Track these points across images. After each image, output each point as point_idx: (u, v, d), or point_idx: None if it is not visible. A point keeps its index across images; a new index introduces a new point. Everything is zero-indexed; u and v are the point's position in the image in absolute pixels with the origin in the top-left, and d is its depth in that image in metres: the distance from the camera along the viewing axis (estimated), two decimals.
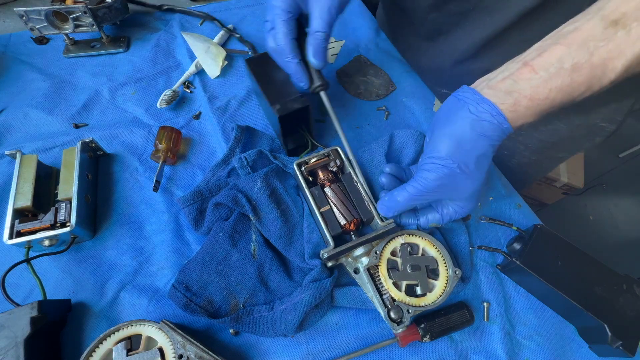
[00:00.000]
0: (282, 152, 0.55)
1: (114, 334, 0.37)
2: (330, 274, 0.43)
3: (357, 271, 0.43)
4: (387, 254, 0.44)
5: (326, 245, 0.44)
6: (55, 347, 0.39)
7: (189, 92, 0.63)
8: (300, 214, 0.47)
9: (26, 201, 0.43)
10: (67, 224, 0.43)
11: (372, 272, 0.43)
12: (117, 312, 0.43)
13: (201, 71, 0.66)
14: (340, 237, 0.46)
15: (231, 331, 0.42)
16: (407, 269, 0.43)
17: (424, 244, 0.45)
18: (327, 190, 0.47)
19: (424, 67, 0.68)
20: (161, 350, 0.37)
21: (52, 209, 0.44)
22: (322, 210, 0.45)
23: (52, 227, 0.43)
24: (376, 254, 0.43)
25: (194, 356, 0.37)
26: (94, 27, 0.63)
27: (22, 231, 0.42)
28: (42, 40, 0.67)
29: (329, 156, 0.49)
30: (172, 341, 0.37)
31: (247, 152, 0.51)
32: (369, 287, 0.42)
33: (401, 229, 0.45)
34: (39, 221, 0.43)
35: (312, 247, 0.44)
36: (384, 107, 0.64)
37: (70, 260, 0.45)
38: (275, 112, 0.47)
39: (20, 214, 0.44)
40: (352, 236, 0.45)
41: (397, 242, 0.44)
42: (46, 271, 0.44)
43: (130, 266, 0.46)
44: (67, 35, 0.65)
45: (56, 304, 0.40)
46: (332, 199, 0.46)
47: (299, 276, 0.45)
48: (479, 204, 0.54)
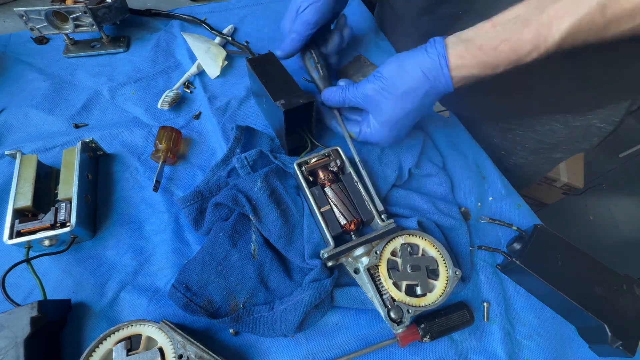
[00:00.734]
0: (281, 152, 0.55)
1: (114, 334, 0.37)
2: (330, 274, 0.43)
3: (357, 271, 0.43)
4: (387, 254, 0.44)
5: (326, 245, 0.44)
6: (55, 347, 0.39)
7: (189, 92, 0.63)
8: (300, 214, 0.47)
9: (26, 201, 0.43)
10: (67, 224, 0.43)
11: (372, 272, 0.43)
12: (117, 312, 0.43)
13: (201, 71, 0.66)
14: (340, 237, 0.46)
15: (231, 331, 0.42)
16: (407, 269, 0.43)
17: (424, 244, 0.45)
18: (328, 190, 0.47)
19: None
20: (161, 350, 0.37)
21: (52, 209, 0.44)
22: (322, 210, 0.45)
23: (52, 227, 0.43)
24: (376, 254, 0.43)
25: (194, 356, 0.37)
26: (94, 27, 0.63)
27: (22, 231, 0.42)
28: (42, 40, 0.67)
29: (329, 156, 0.49)
30: (172, 341, 0.37)
31: (248, 152, 0.51)
32: (369, 287, 0.42)
33: (402, 229, 0.45)
34: (39, 221, 0.43)
35: (312, 247, 0.44)
36: None
37: (70, 260, 0.45)
38: (280, 106, 0.47)
39: (20, 214, 0.44)
40: (352, 236, 0.45)
41: (398, 242, 0.44)
42: (46, 271, 0.44)
43: (130, 266, 0.46)
44: (67, 35, 0.65)
45: (56, 304, 0.40)
46: (333, 199, 0.46)
47: (299, 276, 0.45)
48: (479, 204, 0.54)
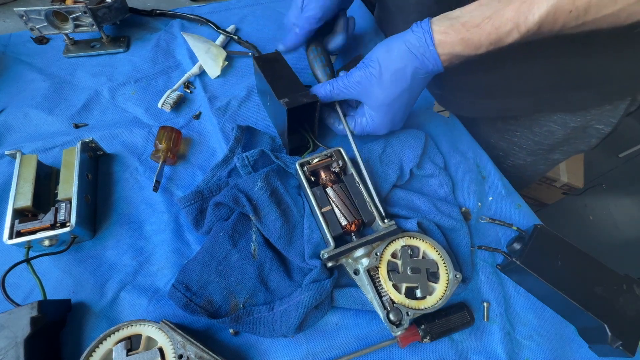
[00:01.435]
0: (282, 151, 0.55)
1: (114, 334, 0.37)
2: (330, 274, 0.43)
3: (357, 272, 0.43)
4: (387, 255, 0.43)
5: (326, 245, 0.44)
6: (55, 347, 0.39)
7: (189, 92, 0.63)
8: (300, 214, 0.47)
9: (26, 201, 0.43)
10: (67, 224, 0.43)
11: (372, 273, 0.43)
12: (117, 312, 0.43)
13: (202, 71, 0.66)
14: (340, 237, 0.46)
15: (231, 331, 0.42)
16: (407, 272, 0.43)
17: (424, 246, 0.44)
18: (329, 190, 0.47)
19: None
20: (161, 350, 0.37)
21: (52, 209, 0.44)
22: (323, 210, 0.45)
23: (52, 227, 0.43)
24: (376, 255, 0.43)
25: (194, 356, 0.37)
26: (94, 27, 0.63)
27: (22, 231, 0.42)
28: (42, 40, 0.67)
29: (331, 157, 0.49)
30: (172, 341, 0.37)
31: (249, 152, 0.51)
32: (368, 289, 0.42)
33: (402, 231, 0.45)
34: (39, 221, 0.43)
35: (312, 247, 0.44)
36: None
37: (70, 260, 0.45)
38: (283, 104, 0.47)
39: (20, 214, 0.44)
40: (353, 237, 0.45)
41: (398, 244, 0.44)
42: (46, 271, 0.44)
43: (130, 266, 0.46)
44: (67, 35, 0.65)
45: (56, 304, 0.40)
46: (334, 200, 0.46)
47: (299, 276, 0.45)
48: (479, 204, 0.54)
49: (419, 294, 0.42)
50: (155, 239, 0.48)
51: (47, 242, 0.42)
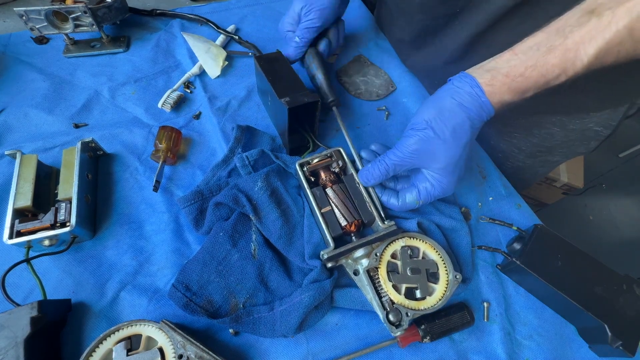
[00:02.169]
0: (282, 151, 0.55)
1: (114, 334, 0.37)
2: (330, 274, 0.43)
3: (356, 273, 0.43)
4: (387, 256, 0.43)
5: (326, 246, 0.44)
6: (55, 347, 0.39)
7: (189, 92, 0.63)
8: (300, 214, 0.47)
9: (26, 201, 0.43)
10: (67, 224, 0.43)
11: (371, 274, 0.43)
12: (117, 312, 0.43)
13: (202, 71, 0.66)
14: (340, 238, 0.46)
15: (231, 331, 0.42)
16: (407, 272, 0.43)
17: (424, 247, 0.44)
18: (329, 191, 0.47)
19: (417, 68, 0.68)
20: (161, 350, 0.37)
21: (52, 209, 0.44)
22: (323, 210, 0.45)
23: (52, 227, 0.43)
24: (376, 256, 0.43)
25: (194, 356, 0.37)
26: (94, 27, 0.63)
27: (22, 231, 0.42)
28: (42, 40, 0.67)
29: (331, 157, 0.49)
30: (172, 341, 0.37)
31: (249, 152, 0.51)
32: (368, 289, 0.42)
33: (402, 231, 0.45)
34: (39, 221, 0.43)
35: (312, 247, 0.44)
36: (384, 108, 0.64)
37: (70, 260, 0.45)
38: (284, 104, 0.47)
39: (20, 214, 0.44)
40: (353, 237, 0.45)
41: (398, 245, 0.44)
42: (46, 271, 0.44)
43: (130, 266, 0.46)
44: (67, 35, 0.65)
45: (56, 304, 0.40)
46: (334, 200, 0.46)
47: (299, 276, 0.45)
48: (479, 204, 0.54)
49: (418, 294, 0.42)
50: (155, 239, 0.48)
51: (47, 242, 0.42)
